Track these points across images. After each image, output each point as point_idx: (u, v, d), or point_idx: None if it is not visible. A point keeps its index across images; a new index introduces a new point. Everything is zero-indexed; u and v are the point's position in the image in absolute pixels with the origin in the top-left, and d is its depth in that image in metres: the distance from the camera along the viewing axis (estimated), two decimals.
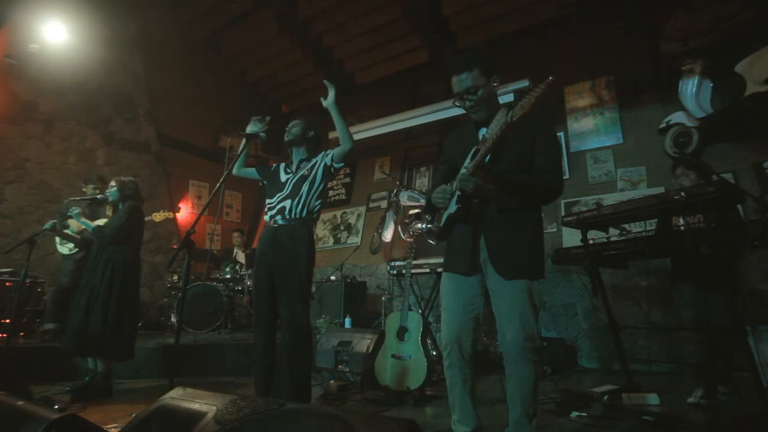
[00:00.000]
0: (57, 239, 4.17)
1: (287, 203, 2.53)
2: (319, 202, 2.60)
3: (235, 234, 6.43)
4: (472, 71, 1.79)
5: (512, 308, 1.71)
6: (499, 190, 1.74)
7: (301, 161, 2.66)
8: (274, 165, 2.79)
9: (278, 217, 2.53)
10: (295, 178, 2.58)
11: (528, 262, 1.74)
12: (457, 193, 1.78)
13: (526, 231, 1.78)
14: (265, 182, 2.76)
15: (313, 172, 2.58)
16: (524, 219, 1.79)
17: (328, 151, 2.62)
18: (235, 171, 2.75)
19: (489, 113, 1.85)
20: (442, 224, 1.89)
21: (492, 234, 1.78)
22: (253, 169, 2.82)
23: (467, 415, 1.83)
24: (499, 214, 1.76)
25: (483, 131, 1.88)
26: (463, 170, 1.79)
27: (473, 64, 1.80)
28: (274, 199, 2.58)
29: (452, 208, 1.80)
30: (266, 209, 2.64)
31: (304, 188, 2.54)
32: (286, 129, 2.69)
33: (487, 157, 1.75)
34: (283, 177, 2.66)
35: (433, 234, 1.96)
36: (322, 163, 2.60)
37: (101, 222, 3.55)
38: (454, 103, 1.91)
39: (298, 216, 2.51)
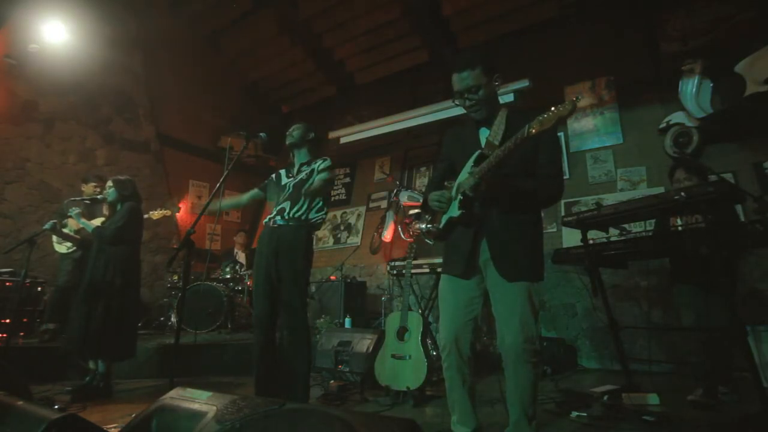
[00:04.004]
0: (54, 238, 4.17)
1: (287, 205, 2.56)
2: (320, 214, 2.63)
3: (241, 233, 6.44)
4: (474, 69, 1.76)
5: (512, 310, 1.70)
6: (502, 195, 1.73)
7: (302, 165, 2.70)
8: (274, 174, 2.82)
9: (277, 218, 2.56)
10: (296, 181, 2.62)
11: (529, 264, 1.74)
12: (460, 197, 1.76)
13: (528, 234, 1.77)
14: (269, 196, 2.77)
15: (310, 182, 2.60)
16: (526, 222, 1.78)
17: (321, 166, 2.63)
18: (244, 201, 2.85)
19: (489, 112, 1.83)
20: (441, 226, 1.88)
21: (494, 236, 1.76)
22: (255, 191, 2.83)
23: (467, 415, 1.83)
24: (501, 216, 1.75)
25: (483, 131, 1.86)
26: (466, 174, 1.76)
27: (475, 62, 1.76)
28: (278, 201, 2.64)
29: (454, 212, 1.79)
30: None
31: (305, 196, 2.57)
32: (287, 133, 2.73)
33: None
34: (284, 180, 2.71)
35: (432, 234, 1.96)
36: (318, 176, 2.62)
37: (98, 221, 3.56)
38: (453, 101, 1.87)
39: (296, 217, 2.54)
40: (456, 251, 1.87)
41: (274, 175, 2.81)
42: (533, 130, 1.49)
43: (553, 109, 1.46)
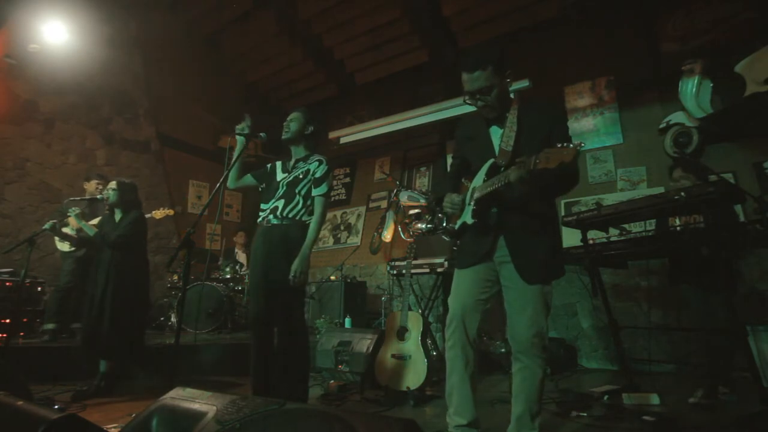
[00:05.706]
0: (56, 237, 4.17)
1: (280, 203, 2.47)
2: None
3: (240, 233, 6.43)
4: (486, 69, 1.69)
5: (525, 304, 1.71)
6: (514, 204, 1.70)
7: (297, 161, 2.59)
8: (270, 165, 2.68)
9: (270, 217, 2.47)
10: (290, 179, 2.52)
11: (549, 265, 1.75)
12: (472, 206, 1.76)
13: (547, 230, 1.77)
14: (263, 186, 2.64)
15: (305, 182, 2.50)
16: (543, 218, 1.77)
17: (317, 174, 2.50)
18: (231, 185, 2.61)
19: (502, 110, 1.79)
20: (457, 227, 1.87)
21: (512, 235, 1.75)
22: (248, 176, 2.68)
23: (465, 404, 1.77)
24: (518, 215, 1.74)
25: (495, 130, 1.83)
26: (481, 180, 1.76)
27: (487, 62, 1.69)
28: (270, 199, 2.52)
29: (468, 218, 1.78)
30: (260, 212, 2.55)
31: (299, 196, 2.49)
32: (284, 124, 2.59)
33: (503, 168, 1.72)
34: (279, 176, 2.59)
35: (449, 233, 1.97)
36: (311, 181, 2.52)
37: (96, 221, 3.57)
38: (465, 101, 1.81)
39: (290, 217, 2.46)
40: (470, 252, 1.85)
41: (269, 165, 2.67)
42: (539, 165, 1.43)
43: (559, 150, 1.39)
